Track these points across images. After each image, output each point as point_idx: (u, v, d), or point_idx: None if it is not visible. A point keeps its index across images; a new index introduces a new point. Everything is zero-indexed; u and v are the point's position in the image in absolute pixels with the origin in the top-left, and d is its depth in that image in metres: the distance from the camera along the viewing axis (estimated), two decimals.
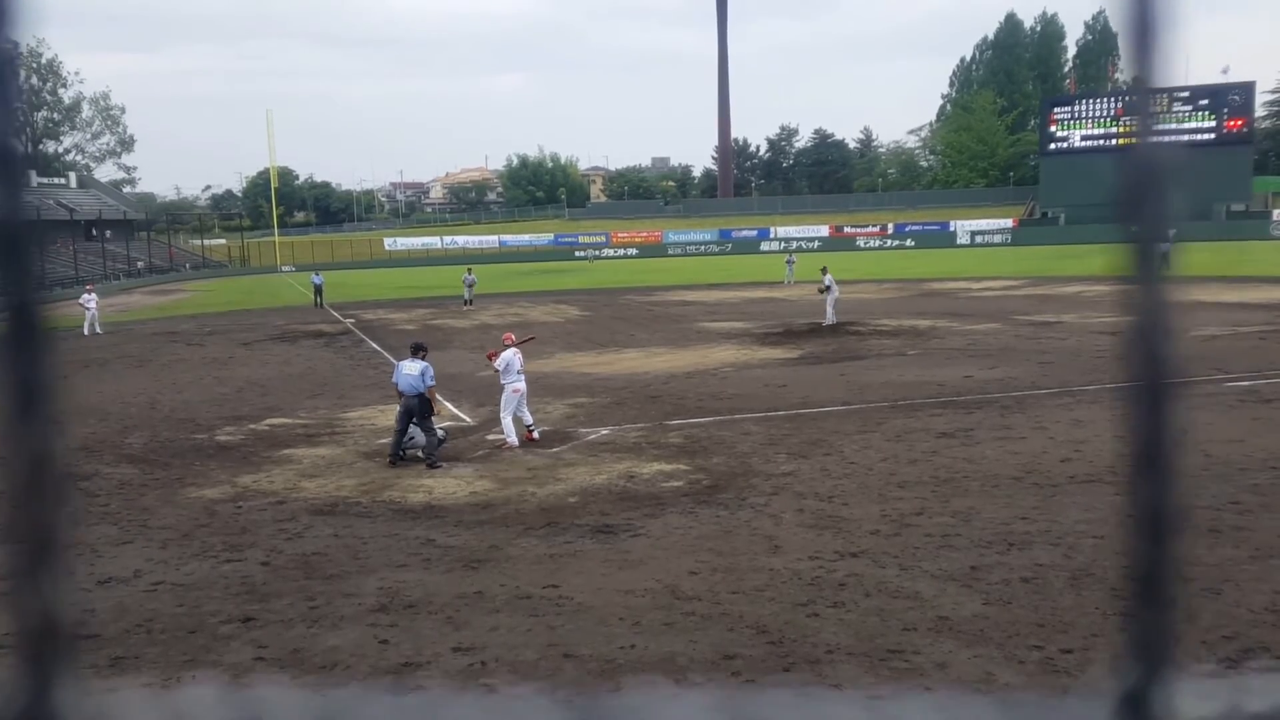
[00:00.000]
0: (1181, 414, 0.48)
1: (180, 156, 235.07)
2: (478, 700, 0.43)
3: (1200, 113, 79.44)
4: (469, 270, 40.62)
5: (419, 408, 12.77)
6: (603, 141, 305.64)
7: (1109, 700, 0.46)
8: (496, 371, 14.01)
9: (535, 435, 13.81)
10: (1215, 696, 0.46)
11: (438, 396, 13.69)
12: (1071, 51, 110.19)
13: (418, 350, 13.39)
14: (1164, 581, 0.47)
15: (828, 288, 28.13)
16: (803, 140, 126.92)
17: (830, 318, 27.58)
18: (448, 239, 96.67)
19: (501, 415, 13.80)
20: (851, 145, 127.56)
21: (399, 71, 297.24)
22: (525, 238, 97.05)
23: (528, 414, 13.94)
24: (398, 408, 13.06)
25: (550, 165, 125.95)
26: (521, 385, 13.79)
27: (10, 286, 0.45)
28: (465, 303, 38.37)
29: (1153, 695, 0.46)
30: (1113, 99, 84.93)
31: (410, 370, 13.01)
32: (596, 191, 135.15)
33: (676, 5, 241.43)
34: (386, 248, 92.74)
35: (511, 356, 13.93)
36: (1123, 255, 0.51)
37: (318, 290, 41.72)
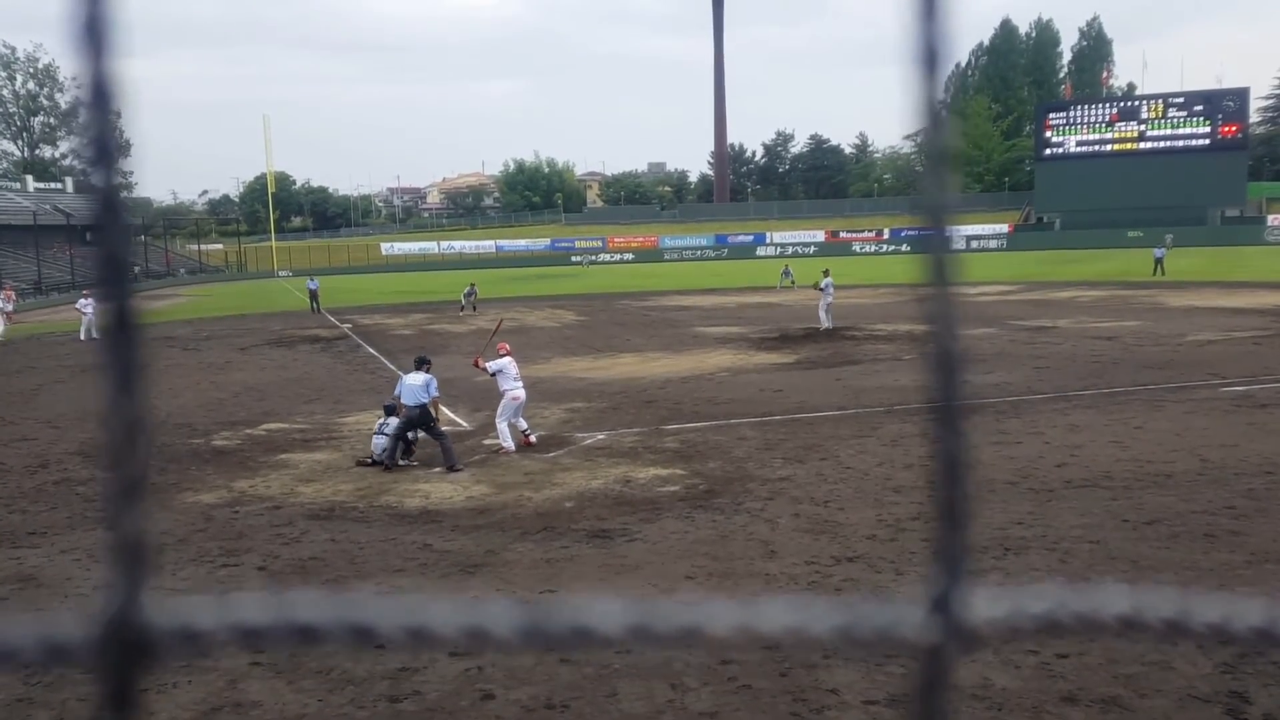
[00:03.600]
0: (967, 381, 0.63)
1: (177, 162, 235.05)
2: (451, 601, 0.58)
3: (1195, 118, 79.66)
4: (472, 285, 40.53)
5: (419, 418, 12.85)
6: (599, 147, 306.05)
7: (923, 600, 0.59)
8: (489, 374, 14.04)
9: (533, 439, 13.82)
10: (1002, 599, 0.59)
11: (440, 405, 13.77)
12: (1066, 57, 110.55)
13: (422, 363, 13.50)
14: (959, 513, 0.61)
15: (823, 289, 28.09)
16: (798, 145, 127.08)
17: (825, 322, 27.61)
18: (444, 244, 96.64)
19: (497, 421, 13.82)
20: (847, 150, 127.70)
21: (392, 78, 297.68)
22: (522, 243, 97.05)
23: (522, 420, 13.97)
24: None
25: (547, 170, 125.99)
26: (521, 394, 13.84)
27: (111, 286, 0.62)
28: (461, 308, 38.18)
29: (954, 597, 0.59)
30: (1107, 105, 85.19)
31: (414, 382, 13.08)
32: (593, 197, 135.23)
33: (666, 12, 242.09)
34: (383, 253, 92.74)
35: (506, 364, 13.96)
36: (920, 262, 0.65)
37: (313, 295, 41.71)
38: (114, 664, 0.56)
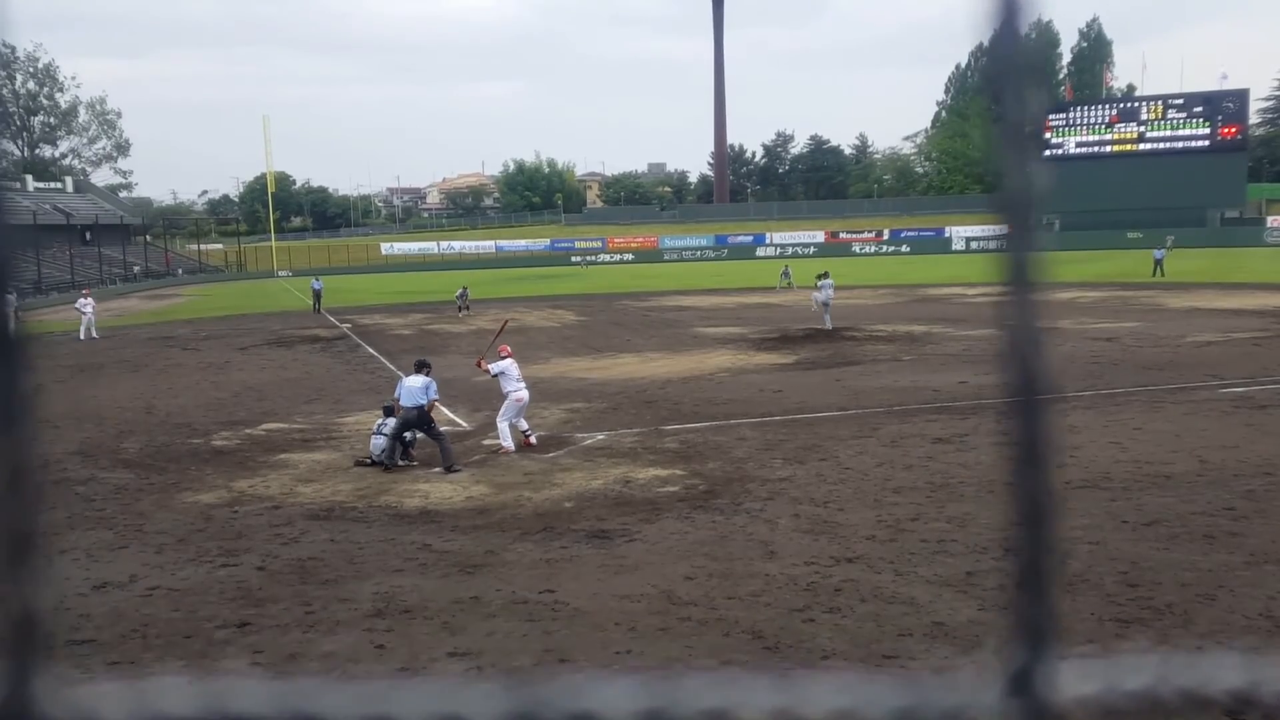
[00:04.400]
0: (1055, 416, 0.53)
1: (177, 161, 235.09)
2: (423, 685, 0.48)
3: (1194, 120, 79.65)
4: (463, 288, 40.34)
5: (416, 419, 12.87)
6: (599, 147, 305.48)
7: (998, 678, 0.49)
8: (491, 375, 14.06)
9: (533, 440, 13.82)
10: (1094, 675, 0.50)
11: (439, 406, 13.81)
12: (1066, 59, 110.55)
13: (421, 366, 13.52)
14: (1045, 568, 0.51)
15: (818, 288, 28.18)
16: (798, 146, 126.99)
17: (827, 322, 27.69)
18: (444, 244, 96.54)
19: (499, 421, 13.82)
20: (847, 151, 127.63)
21: (390, 78, 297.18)
22: (522, 243, 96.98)
23: (523, 420, 13.97)
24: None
25: (547, 171, 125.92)
26: (524, 394, 13.87)
27: None
28: (459, 309, 37.94)
29: (1037, 674, 0.49)
30: (1107, 106, 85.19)
31: (413, 384, 13.10)
32: (593, 197, 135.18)
33: (666, 13, 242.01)
34: (383, 253, 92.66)
35: (508, 365, 13.99)
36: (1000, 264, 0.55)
37: (317, 296, 41.66)
38: None
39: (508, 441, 13.54)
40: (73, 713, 0.46)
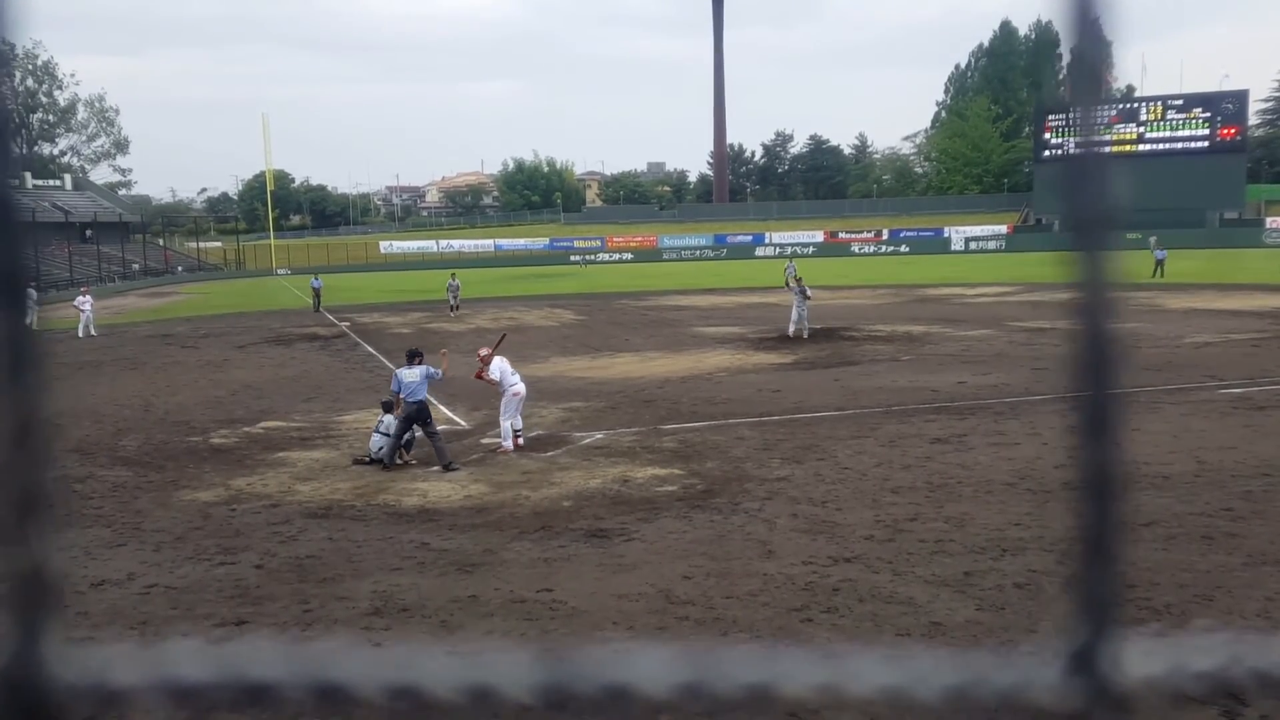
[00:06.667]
0: (1121, 390, 0.52)
1: (176, 159, 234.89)
2: (450, 653, 0.47)
3: (1194, 121, 79.70)
4: (453, 275, 40.14)
5: (417, 414, 12.82)
6: (598, 147, 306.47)
7: (1059, 657, 0.48)
8: (493, 383, 13.96)
9: (520, 441, 13.72)
10: (1160, 655, 0.49)
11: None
12: (1066, 59, 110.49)
13: (413, 357, 13.42)
14: (1109, 544, 0.51)
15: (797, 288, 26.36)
16: (798, 146, 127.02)
17: (801, 325, 25.94)
18: (443, 243, 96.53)
19: (502, 419, 13.80)
20: (846, 151, 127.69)
21: (390, 76, 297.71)
22: (521, 242, 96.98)
23: (519, 418, 13.96)
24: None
25: (546, 170, 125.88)
26: (521, 388, 13.86)
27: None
28: (451, 309, 37.75)
29: (1100, 652, 0.48)
30: (1106, 106, 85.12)
31: (411, 377, 13.01)
32: (592, 196, 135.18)
33: (666, 13, 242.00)
34: (382, 251, 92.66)
35: (501, 363, 14.00)
36: (1072, 262, 0.54)
37: (316, 294, 41.63)
38: None
39: (508, 442, 13.53)
40: (82, 674, 0.45)
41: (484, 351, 14.33)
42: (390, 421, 13.04)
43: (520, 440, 13.74)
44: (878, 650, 0.47)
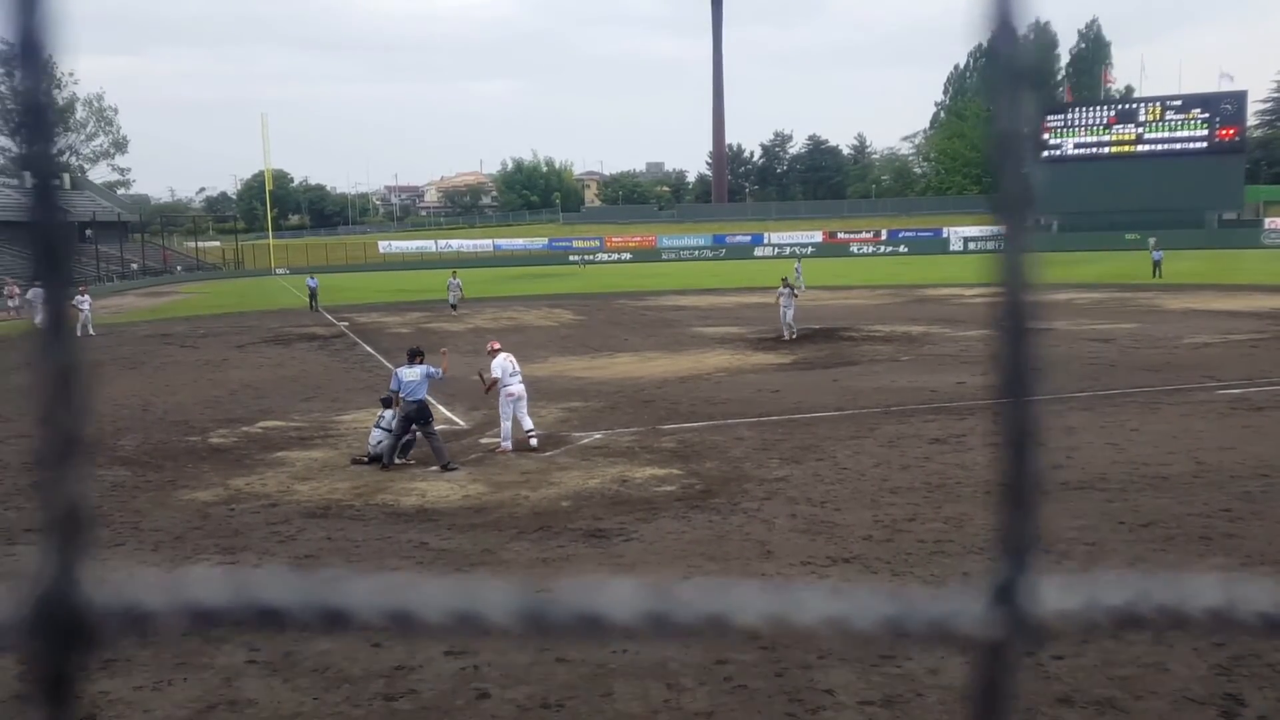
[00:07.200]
0: (1040, 350, 0.59)
1: (174, 159, 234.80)
2: (441, 581, 0.53)
3: (1193, 121, 79.74)
4: (454, 274, 40.12)
5: (416, 413, 12.81)
6: (597, 146, 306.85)
7: (984, 591, 0.53)
8: (496, 382, 13.84)
9: (534, 441, 13.60)
10: (1074, 590, 0.54)
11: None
12: (1065, 60, 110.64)
13: (414, 356, 13.39)
14: (1027, 490, 0.56)
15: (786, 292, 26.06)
16: (797, 146, 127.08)
17: (789, 325, 25.84)
18: (442, 243, 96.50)
19: (501, 420, 13.73)
20: (845, 152, 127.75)
21: (389, 76, 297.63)
22: (519, 242, 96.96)
23: (527, 419, 13.80)
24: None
25: (545, 170, 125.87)
26: (515, 389, 13.69)
27: (43, 228, 0.55)
28: (451, 307, 37.80)
29: (1020, 587, 0.53)
30: (1105, 107, 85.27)
31: (411, 376, 12.98)
32: (591, 196, 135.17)
33: (665, 13, 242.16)
34: (381, 251, 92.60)
35: (504, 361, 13.88)
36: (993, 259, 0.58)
37: (312, 293, 41.63)
38: (45, 649, 0.51)
39: (507, 442, 13.50)
40: (114, 598, 0.51)
41: (494, 345, 14.54)
42: (391, 416, 13.02)
43: (533, 440, 13.55)
44: (822, 586, 0.53)
